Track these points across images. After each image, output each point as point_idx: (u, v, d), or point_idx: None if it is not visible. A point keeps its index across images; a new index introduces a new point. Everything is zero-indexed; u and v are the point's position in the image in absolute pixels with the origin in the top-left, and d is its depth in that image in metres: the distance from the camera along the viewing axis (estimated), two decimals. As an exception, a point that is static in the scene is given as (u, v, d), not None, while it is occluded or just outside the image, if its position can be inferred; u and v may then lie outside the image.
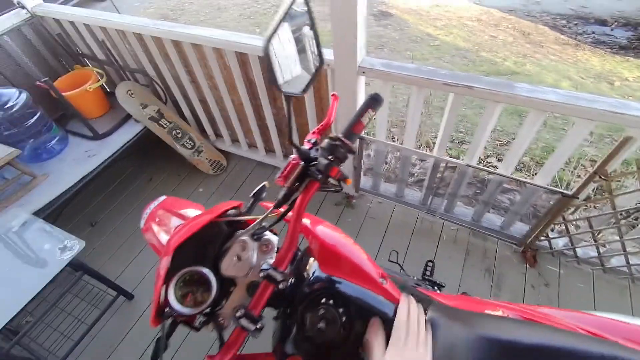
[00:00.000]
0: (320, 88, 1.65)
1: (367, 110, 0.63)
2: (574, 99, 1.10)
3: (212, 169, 2.34)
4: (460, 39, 4.36)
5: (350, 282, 0.67)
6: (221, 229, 0.69)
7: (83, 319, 1.68)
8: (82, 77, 2.11)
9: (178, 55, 1.88)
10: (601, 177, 1.22)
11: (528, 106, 1.19)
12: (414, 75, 1.30)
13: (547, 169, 1.40)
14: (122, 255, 1.99)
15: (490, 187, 1.60)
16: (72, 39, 2.19)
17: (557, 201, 1.42)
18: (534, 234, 1.62)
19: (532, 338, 0.62)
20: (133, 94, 2.07)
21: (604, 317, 0.72)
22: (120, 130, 2.14)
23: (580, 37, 4.30)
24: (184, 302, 0.61)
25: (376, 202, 2.06)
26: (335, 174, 0.60)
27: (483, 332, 0.65)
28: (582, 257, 1.60)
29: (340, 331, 0.62)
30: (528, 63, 3.85)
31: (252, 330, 0.56)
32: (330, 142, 0.62)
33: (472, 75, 1.28)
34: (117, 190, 2.35)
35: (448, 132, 1.47)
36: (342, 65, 1.40)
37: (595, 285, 1.59)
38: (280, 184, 0.63)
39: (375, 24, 4.75)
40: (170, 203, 1.09)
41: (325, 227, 0.77)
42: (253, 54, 1.61)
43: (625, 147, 1.10)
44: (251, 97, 1.91)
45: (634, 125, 1.06)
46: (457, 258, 1.76)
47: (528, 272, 1.68)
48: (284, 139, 2.12)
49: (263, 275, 0.59)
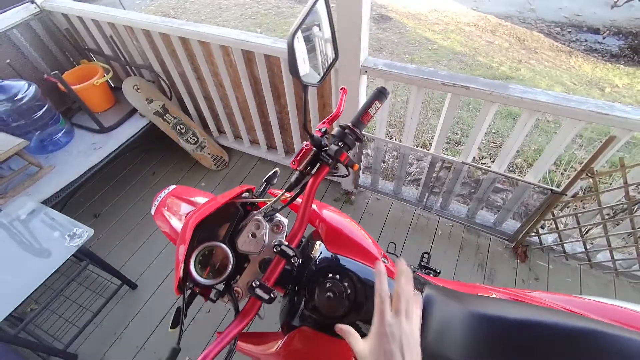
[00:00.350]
0: (323, 86, 1.72)
1: (374, 102, 0.69)
2: (564, 100, 1.18)
3: (214, 164, 2.39)
4: (458, 43, 4.46)
5: (354, 259, 0.73)
6: (237, 209, 0.74)
7: (88, 307, 1.72)
8: (88, 72, 2.15)
9: (185, 52, 1.93)
10: (588, 175, 1.30)
11: (520, 106, 1.27)
12: (414, 76, 1.37)
13: (538, 168, 1.48)
14: (126, 246, 2.03)
15: (484, 184, 1.67)
16: (80, 34, 2.23)
17: (546, 198, 1.50)
18: (525, 230, 1.69)
19: (520, 314, 0.68)
20: (139, 89, 2.11)
21: (589, 299, 0.79)
22: (125, 124, 2.19)
23: (573, 44, 4.42)
24: (203, 274, 0.67)
25: (374, 198, 2.13)
26: (345, 159, 0.66)
27: (475, 309, 0.71)
28: (570, 252, 1.68)
29: (346, 303, 0.67)
30: (523, 68, 3.96)
31: (266, 299, 0.61)
32: (341, 130, 0.68)
33: (468, 77, 1.35)
34: (121, 183, 2.39)
35: (445, 130, 1.54)
36: (345, 64, 1.46)
37: (582, 280, 1.67)
38: (294, 168, 0.69)
39: (375, 27, 4.84)
40: (180, 191, 1.15)
41: (331, 211, 0.83)
42: (259, 53, 1.67)
43: (610, 146, 1.18)
44: (255, 94, 1.97)
45: (617, 125, 1.13)
46: (452, 252, 1.83)
47: (519, 267, 1.75)
48: (286, 135, 2.18)
49: (276, 251, 0.65)
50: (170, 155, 2.49)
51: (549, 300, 0.79)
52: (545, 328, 0.63)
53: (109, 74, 2.15)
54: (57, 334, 1.63)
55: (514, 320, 0.67)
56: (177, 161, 2.47)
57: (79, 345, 1.64)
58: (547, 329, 0.63)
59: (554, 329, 0.63)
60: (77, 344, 1.63)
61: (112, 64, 2.31)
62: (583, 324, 0.63)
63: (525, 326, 0.65)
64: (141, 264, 1.94)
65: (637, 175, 1.30)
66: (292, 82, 1.73)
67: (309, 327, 0.69)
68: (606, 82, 3.71)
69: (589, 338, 0.59)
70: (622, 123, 1.12)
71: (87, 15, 2.04)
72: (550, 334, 0.62)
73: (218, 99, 2.15)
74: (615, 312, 0.73)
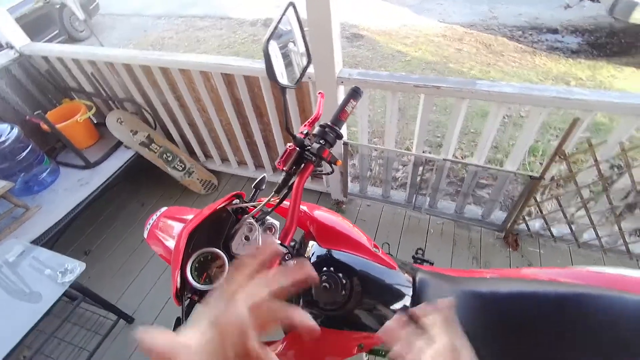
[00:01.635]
0: (303, 101, 1.78)
1: (350, 101, 0.74)
2: (527, 90, 1.26)
3: (203, 188, 2.40)
4: (429, 53, 4.67)
5: (346, 252, 0.75)
6: (229, 215, 0.76)
7: (84, 347, 1.66)
8: (70, 110, 2.18)
9: (166, 81, 1.99)
10: (561, 157, 1.37)
11: (489, 99, 1.35)
12: (388, 81, 1.45)
13: (514, 157, 1.55)
14: (119, 281, 1.99)
15: (467, 178, 1.73)
16: (61, 74, 2.27)
17: (527, 185, 1.56)
18: (512, 219, 1.74)
19: (508, 288, 0.72)
20: (123, 121, 2.14)
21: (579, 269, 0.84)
22: (111, 157, 2.20)
23: (536, 44, 4.68)
24: (200, 281, 0.68)
25: (365, 205, 2.16)
26: (327, 155, 0.70)
27: (467, 288, 0.74)
28: (557, 235, 1.73)
29: (342, 292, 0.69)
30: (492, 70, 4.16)
31: None
32: (321, 129, 0.73)
33: (439, 77, 1.43)
34: (110, 218, 2.37)
35: (423, 130, 1.61)
36: (322, 77, 1.53)
37: (573, 260, 1.72)
38: (280, 168, 0.72)
39: (349, 45, 5.04)
40: (173, 212, 1.16)
41: (321, 210, 0.86)
42: (239, 74, 1.73)
43: (575, 127, 1.25)
44: (238, 115, 2.02)
45: (579, 107, 1.22)
46: (445, 249, 1.87)
47: (512, 256, 1.79)
48: (272, 153, 2.22)
49: (270, 249, 0.67)
50: (158, 185, 2.49)
51: (538, 274, 0.83)
52: (536, 297, 0.67)
53: (92, 110, 2.18)
54: (53, 378, 1.57)
55: (505, 294, 0.70)
56: (165, 189, 2.47)
57: (77, 388, 1.58)
58: (538, 297, 0.67)
59: (544, 297, 0.66)
60: (74, 387, 1.57)
61: (94, 100, 2.34)
62: (572, 289, 0.66)
63: (517, 298, 0.68)
64: (136, 297, 1.90)
65: (606, 153, 1.37)
66: (273, 100, 1.79)
67: None
68: (570, 76, 3.93)
69: (579, 301, 0.63)
70: (583, 105, 1.20)
71: (67, 56, 2.09)
72: (542, 302, 0.65)
73: (202, 124, 2.19)
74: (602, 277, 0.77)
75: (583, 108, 1.21)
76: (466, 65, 4.31)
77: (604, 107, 1.21)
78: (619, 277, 0.76)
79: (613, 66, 4.03)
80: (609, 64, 4.09)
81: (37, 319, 1.30)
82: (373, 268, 0.74)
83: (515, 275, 0.87)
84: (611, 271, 0.79)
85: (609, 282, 0.75)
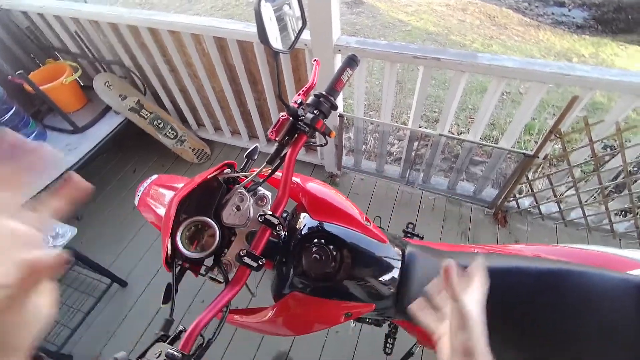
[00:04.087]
0: (299, 69, 1.72)
1: (346, 69, 0.71)
2: (529, 65, 1.23)
3: (196, 157, 2.37)
4: (431, 23, 4.51)
5: (338, 224, 0.76)
6: (220, 185, 0.75)
7: (78, 308, 1.70)
8: (55, 71, 2.07)
9: (155, 43, 1.89)
10: (556, 136, 1.36)
11: (489, 73, 1.31)
12: (387, 51, 1.40)
13: (510, 134, 1.54)
14: (112, 245, 2.00)
15: (462, 154, 1.73)
16: (43, 32, 2.15)
17: (520, 162, 1.57)
18: (503, 196, 1.77)
19: (494, 263, 0.73)
20: (111, 85, 2.06)
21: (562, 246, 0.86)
22: (100, 122, 2.13)
23: (541, 18, 4.54)
24: (190, 249, 0.68)
25: (359, 178, 2.16)
26: (321, 126, 0.68)
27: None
28: (545, 213, 1.77)
29: (332, 264, 0.70)
30: (494, 44, 4.05)
31: (254, 266, 0.63)
32: (315, 99, 0.70)
33: (439, 48, 1.38)
34: (101, 183, 2.34)
35: (421, 104, 1.58)
36: (319, 44, 1.47)
37: (559, 238, 1.77)
38: (272, 138, 0.70)
39: (348, 12, 4.82)
40: (163, 180, 1.14)
41: (314, 182, 0.86)
42: (232, 39, 1.65)
43: (574, 105, 1.24)
44: (231, 82, 1.96)
45: (579, 84, 1.19)
46: (436, 224, 1.90)
47: (500, 232, 1.83)
48: (266, 123, 2.18)
49: (261, 220, 0.66)
50: (150, 152, 2.45)
51: (525, 250, 0.85)
52: (519, 272, 0.68)
53: (78, 72, 2.08)
54: (49, 337, 1.61)
55: (492, 269, 0.71)
56: (157, 157, 2.44)
57: (73, 346, 1.63)
58: (521, 272, 0.68)
59: (527, 272, 0.68)
60: (71, 345, 1.62)
61: (80, 62, 2.23)
62: (554, 265, 0.68)
63: (500, 273, 0.70)
64: (130, 262, 1.92)
65: (601, 133, 1.37)
66: (267, 67, 1.72)
67: (299, 291, 0.72)
68: (573, 53, 3.85)
69: (561, 277, 0.64)
70: (584, 82, 1.18)
71: (48, 12, 1.96)
72: (524, 277, 0.67)
73: (194, 91, 2.12)
74: (585, 255, 0.80)
75: (583, 85, 1.19)
76: (468, 38, 4.18)
77: (604, 85, 1.19)
78: (602, 255, 0.78)
79: (617, 44, 3.95)
80: (613, 41, 4.00)
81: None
82: (363, 241, 0.75)
83: (501, 252, 0.89)
84: (595, 249, 0.81)
85: (592, 260, 0.77)
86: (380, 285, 0.74)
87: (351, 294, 0.73)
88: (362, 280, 0.73)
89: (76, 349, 1.62)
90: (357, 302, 0.73)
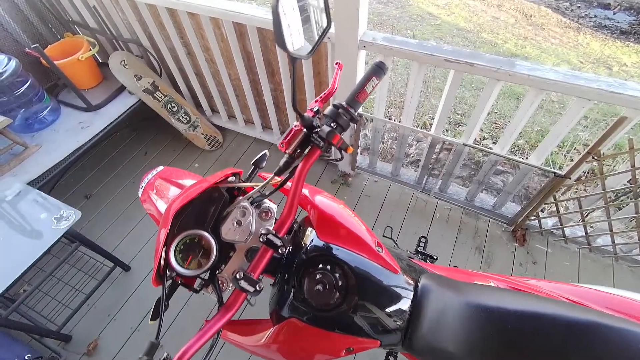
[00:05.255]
0: (319, 63, 1.63)
1: (372, 78, 0.63)
2: (573, 78, 1.11)
3: (208, 144, 2.32)
4: (462, 19, 4.28)
5: (347, 249, 0.69)
6: (221, 195, 0.69)
7: (80, 289, 1.71)
8: (73, 46, 2.04)
9: (173, 25, 1.82)
10: (594, 158, 1.24)
11: (527, 84, 1.19)
12: (416, 51, 1.29)
13: (541, 150, 1.42)
14: (118, 228, 1.99)
15: (485, 167, 1.62)
16: (62, 5, 2.10)
17: (549, 181, 1.45)
18: (525, 214, 1.65)
19: (516, 304, 0.65)
20: (127, 64, 2.01)
21: (587, 288, 0.76)
22: (114, 102, 2.10)
23: (582, 20, 4.25)
24: (184, 264, 0.63)
25: (372, 180, 2.08)
26: (337, 142, 0.60)
27: (472, 299, 0.68)
28: (569, 236, 1.65)
29: (336, 295, 0.64)
30: (528, 46, 3.82)
31: (251, 291, 0.57)
32: (334, 110, 0.62)
33: (473, 52, 1.27)
34: (112, 163, 2.33)
35: (446, 110, 1.47)
36: (343, 38, 1.37)
37: (581, 264, 1.65)
38: (282, 151, 0.63)
39: (376, 1, 4.63)
40: (168, 173, 1.09)
41: (323, 197, 0.78)
42: (251, 25, 1.56)
43: (620, 127, 1.12)
44: (249, 71, 1.88)
45: (629, 105, 1.07)
46: (449, 236, 1.81)
47: (517, 251, 1.73)
48: (281, 115, 2.10)
49: (263, 240, 0.60)
50: (162, 135, 2.42)
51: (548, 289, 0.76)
52: (544, 319, 0.61)
53: (95, 48, 2.04)
54: (50, 316, 1.62)
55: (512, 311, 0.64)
56: (169, 141, 2.40)
57: (73, 326, 1.63)
58: (546, 320, 0.60)
59: (555, 321, 0.60)
60: (71, 325, 1.63)
61: (98, 38, 2.19)
62: (583, 315, 0.59)
63: (523, 317, 0.62)
64: (134, 246, 1.91)
65: (645, 159, 1.25)
66: (286, 57, 1.64)
67: (298, 318, 0.66)
68: (614, 61, 3.59)
69: (590, 330, 0.56)
70: (635, 103, 1.05)
71: (67, -16, 1.91)
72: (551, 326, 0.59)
73: (210, 76, 2.05)
74: (615, 302, 0.71)
75: (634, 106, 1.06)
76: (501, 37, 3.96)
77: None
78: (631, 303, 0.69)
79: (664, 54, 3.66)
80: (660, 51, 3.71)
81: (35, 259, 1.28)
82: (373, 270, 0.68)
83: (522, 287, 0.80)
84: (622, 295, 0.72)
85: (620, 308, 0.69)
86: (389, 320, 0.67)
87: (355, 328, 0.66)
88: (369, 314, 0.66)
89: (76, 329, 1.63)
90: (361, 337, 0.66)
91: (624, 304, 0.69)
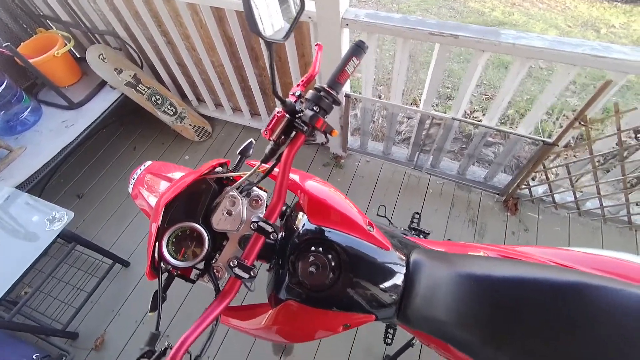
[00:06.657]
0: (303, 44, 1.59)
1: (352, 59, 0.62)
2: (559, 44, 1.10)
3: (196, 135, 2.29)
4: (448, -12, 4.17)
5: (338, 230, 0.70)
6: (210, 186, 0.69)
7: (82, 287, 1.72)
8: (47, 42, 1.96)
9: (149, 13, 1.76)
10: (581, 123, 1.25)
11: (513, 54, 1.18)
12: (400, 26, 1.26)
13: (530, 119, 1.43)
14: (114, 224, 1.99)
15: (475, 139, 1.62)
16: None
17: (538, 150, 1.46)
18: (516, 183, 1.68)
19: (505, 272, 0.67)
20: (105, 58, 1.95)
21: (577, 251, 0.78)
22: (96, 98, 2.04)
23: (569, -18, 4.16)
24: (177, 256, 0.63)
25: (364, 160, 2.08)
26: (321, 125, 0.60)
27: (462, 269, 0.70)
28: (559, 202, 1.68)
29: (330, 275, 0.65)
30: (516, 12, 3.75)
31: (246, 278, 0.58)
32: (315, 93, 0.61)
33: (458, 24, 1.24)
34: (101, 160, 2.30)
35: (434, 85, 1.46)
36: (324, 17, 1.33)
37: (571, 228, 1.70)
38: (267, 138, 0.63)
39: (359, -26, 4.47)
40: (157, 167, 1.09)
41: (313, 181, 0.78)
42: (230, 9, 1.51)
43: (605, 91, 1.12)
44: (231, 57, 1.83)
45: (614, 68, 1.07)
46: (443, 210, 1.83)
47: (509, 220, 1.77)
48: (269, 100, 2.07)
49: (254, 228, 0.61)
50: (149, 129, 2.38)
51: (537, 255, 0.78)
52: (533, 284, 0.62)
53: (71, 43, 1.97)
54: (54, 315, 1.64)
55: (502, 278, 0.66)
56: (157, 135, 2.37)
57: (78, 324, 1.66)
58: (535, 284, 0.62)
59: (542, 285, 0.62)
60: (76, 323, 1.65)
61: (73, 32, 2.11)
62: (572, 277, 0.61)
63: (513, 283, 0.64)
64: (132, 241, 1.91)
65: (630, 121, 1.26)
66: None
67: (294, 300, 0.68)
68: (602, 23, 3.55)
69: (578, 292, 0.58)
70: (619, 65, 1.05)
71: (33, -24, 1.82)
72: (538, 290, 0.61)
73: (192, 65, 2.00)
74: (604, 263, 0.73)
75: (619, 69, 1.06)
76: (488, 5, 3.88)
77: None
78: (619, 263, 0.72)
79: (652, 13, 3.62)
80: (648, 10, 3.67)
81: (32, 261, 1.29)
82: (365, 248, 0.69)
83: (513, 254, 0.82)
84: (612, 255, 0.74)
85: (610, 269, 0.71)
86: (383, 295, 0.69)
87: (350, 304, 0.68)
88: (363, 290, 0.68)
89: (82, 326, 1.65)
90: (356, 312, 0.68)
91: (612, 264, 0.71)
